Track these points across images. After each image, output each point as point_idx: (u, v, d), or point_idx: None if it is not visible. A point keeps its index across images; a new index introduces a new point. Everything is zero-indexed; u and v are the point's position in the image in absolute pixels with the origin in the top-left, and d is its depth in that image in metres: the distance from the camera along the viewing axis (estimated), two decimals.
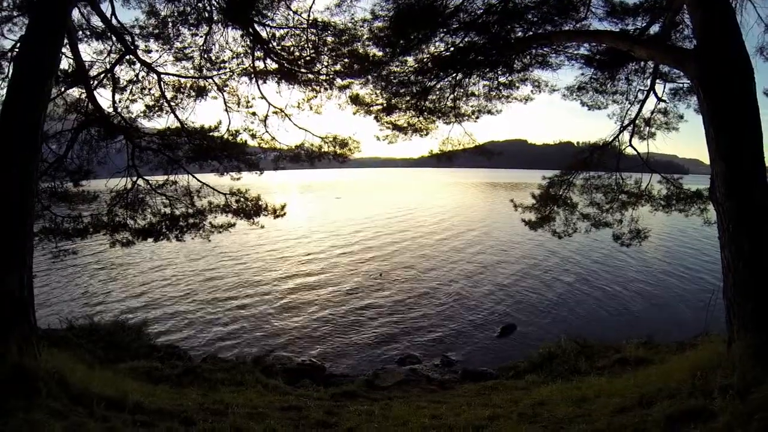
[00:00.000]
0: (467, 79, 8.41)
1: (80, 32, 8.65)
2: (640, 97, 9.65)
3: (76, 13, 8.25)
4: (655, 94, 9.47)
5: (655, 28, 8.59)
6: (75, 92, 9.20)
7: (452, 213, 46.47)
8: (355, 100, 8.53)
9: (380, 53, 7.77)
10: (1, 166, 5.18)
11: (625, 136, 9.66)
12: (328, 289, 18.30)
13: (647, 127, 9.94)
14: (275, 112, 9.17)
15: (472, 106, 9.01)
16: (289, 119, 9.14)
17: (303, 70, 8.47)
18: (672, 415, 4.09)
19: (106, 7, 8.28)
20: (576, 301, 16.62)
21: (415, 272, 21.17)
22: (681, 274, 20.34)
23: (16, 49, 7.97)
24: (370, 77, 8.14)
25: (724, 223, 5.02)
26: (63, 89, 8.87)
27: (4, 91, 8.33)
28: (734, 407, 3.88)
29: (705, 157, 5.46)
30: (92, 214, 9.34)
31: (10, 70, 8.28)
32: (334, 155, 9.24)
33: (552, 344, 9.65)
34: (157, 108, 9.20)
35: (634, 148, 9.66)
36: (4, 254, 5.09)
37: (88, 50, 11.13)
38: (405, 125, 8.95)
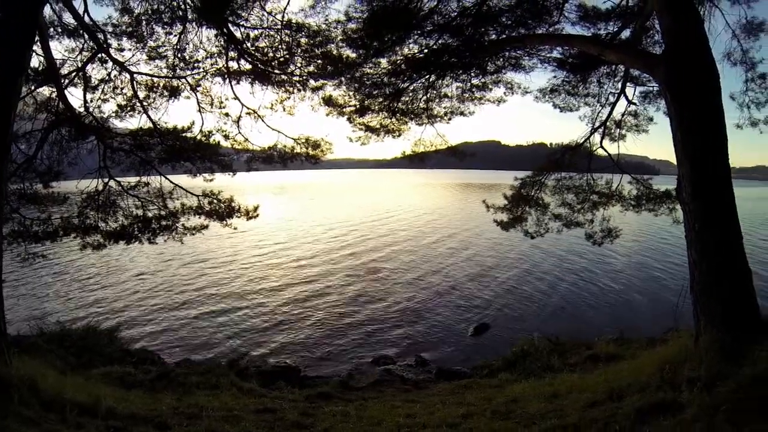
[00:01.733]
0: (440, 81, 8.49)
1: (51, 29, 8.45)
2: (611, 99, 9.92)
3: (47, 10, 8.05)
4: (626, 97, 9.73)
5: (626, 33, 8.82)
6: (45, 91, 8.98)
7: (424, 214, 46.53)
8: (329, 101, 8.54)
9: (354, 55, 7.79)
10: None
11: (597, 137, 9.90)
12: (302, 290, 18.18)
13: (618, 129, 10.20)
14: (248, 113, 9.13)
15: (445, 108, 9.12)
16: (262, 120, 9.12)
17: (276, 71, 8.43)
18: (641, 408, 4.21)
19: (78, 4, 8.19)
20: (548, 299, 16.84)
21: (387, 273, 21.20)
22: (651, 271, 20.82)
23: None
24: (343, 79, 8.15)
25: (690, 222, 5.18)
26: (33, 88, 8.63)
27: None
28: (701, 399, 4.01)
29: (675, 159, 5.61)
30: (62, 217, 9.12)
31: None
32: (306, 156, 9.23)
33: (525, 342, 9.81)
34: (129, 108, 9.04)
35: (605, 150, 9.89)
36: None
37: (59, 48, 10.89)
38: (378, 126, 9.00)
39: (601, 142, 9.82)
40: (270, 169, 10.14)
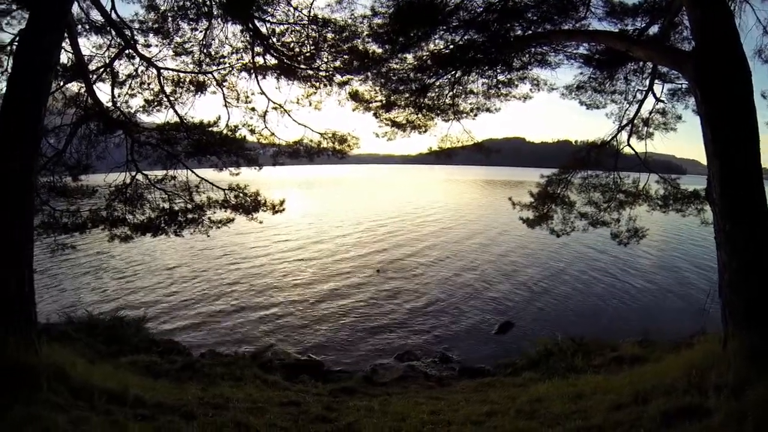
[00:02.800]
0: (466, 77, 8.41)
1: (80, 26, 8.60)
2: (639, 97, 9.72)
3: (75, 7, 8.20)
4: (654, 95, 9.52)
5: (654, 29, 8.64)
6: (74, 86, 9.17)
7: (449, 210, 46.40)
8: (355, 96, 8.54)
9: (380, 50, 7.77)
10: (1, 160, 5.20)
11: (624, 135, 9.75)
12: (327, 285, 18.30)
13: (645, 127, 10.00)
14: (274, 108, 9.16)
15: (470, 104, 9.03)
16: (289, 115, 9.14)
17: (302, 66, 8.46)
18: (668, 412, 4.14)
19: (105, 1, 8.27)
20: (573, 299, 16.65)
21: (413, 269, 21.19)
22: (677, 273, 20.39)
23: (15, 44, 7.98)
24: (369, 74, 8.13)
25: (720, 223, 5.08)
26: (62, 83, 8.83)
27: (2, 84, 8.49)
28: (729, 405, 3.94)
29: (703, 158, 5.50)
30: (91, 209, 9.30)
31: (10, 64, 8.37)
32: (333, 151, 9.22)
33: (549, 342, 9.72)
34: (156, 103, 9.16)
35: (632, 148, 9.73)
36: (5, 249, 5.11)
37: (87, 44, 11.06)
38: (404, 122, 8.94)
39: (628, 141, 9.67)
40: (296, 164, 10.17)
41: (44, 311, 11.38)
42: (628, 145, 9.67)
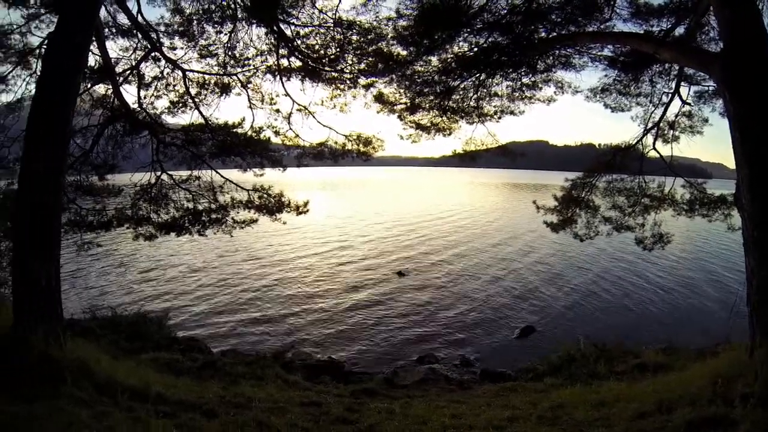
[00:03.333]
0: (490, 80, 8.37)
1: (107, 29, 8.81)
2: (665, 99, 9.54)
3: (102, 11, 8.39)
4: (680, 97, 9.35)
5: (680, 30, 8.49)
6: (101, 88, 9.38)
7: (473, 213, 46.28)
8: (380, 98, 8.55)
9: (404, 52, 7.77)
10: (31, 160, 5.31)
11: (649, 139, 9.56)
12: (348, 286, 18.41)
13: (671, 131, 9.81)
14: (299, 110, 9.22)
15: (495, 107, 8.98)
16: (313, 117, 9.19)
17: (327, 68, 8.51)
18: (692, 422, 4.08)
19: (132, 5, 8.46)
20: (595, 304, 16.46)
21: (434, 272, 21.16)
22: (702, 281, 19.94)
23: (44, 47, 8.18)
24: (394, 76, 8.14)
25: (749, 229, 4.97)
26: (90, 85, 9.05)
27: (31, 86, 8.71)
28: (756, 416, 3.88)
29: (728, 161, 5.42)
30: (116, 208, 9.49)
31: (38, 67, 8.59)
32: (357, 153, 9.24)
33: (571, 347, 9.60)
34: (181, 104, 9.33)
35: (658, 152, 9.56)
36: (34, 245, 5.23)
37: (114, 47, 11.33)
38: (428, 124, 8.95)
39: (654, 144, 9.50)
40: (320, 165, 10.21)
41: (69, 307, 11.58)
42: (654, 148, 9.51)
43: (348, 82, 8.63)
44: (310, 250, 25.61)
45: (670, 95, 9.41)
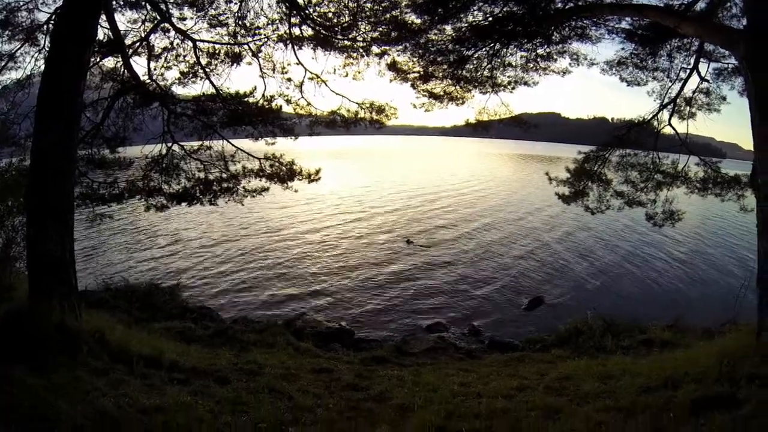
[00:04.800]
0: (505, 50, 8.25)
1: (115, 2, 8.69)
2: (682, 75, 9.33)
3: None
4: (698, 74, 9.13)
5: (701, 5, 8.26)
6: (111, 61, 9.30)
7: (486, 183, 46.10)
8: (393, 66, 8.48)
9: (418, 21, 7.67)
10: (43, 133, 5.33)
11: (664, 115, 9.40)
12: (358, 255, 18.58)
13: (688, 107, 9.62)
14: (311, 78, 9.13)
15: (508, 77, 8.87)
16: (326, 85, 9.10)
17: (340, 36, 8.40)
18: (697, 400, 4.11)
19: None
20: (604, 278, 16.51)
21: (444, 241, 21.25)
22: (711, 260, 19.86)
23: (51, 23, 8.11)
24: (407, 45, 8.05)
25: (763, 210, 4.92)
26: (99, 58, 8.91)
27: (40, 63, 8.66)
28: (761, 397, 3.90)
29: (743, 142, 5.38)
30: (128, 180, 9.51)
31: (46, 43, 8.54)
32: (370, 121, 9.17)
33: (579, 320, 9.68)
34: (191, 74, 9.22)
35: (674, 128, 9.41)
36: (48, 218, 5.28)
37: (122, 19, 11.17)
38: (441, 93, 8.86)
39: (669, 120, 9.34)
40: (332, 134, 10.15)
41: (83, 279, 11.75)
42: (669, 124, 9.36)
43: (361, 50, 8.51)
44: (321, 219, 25.61)
45: (688, 71, 9.20)
